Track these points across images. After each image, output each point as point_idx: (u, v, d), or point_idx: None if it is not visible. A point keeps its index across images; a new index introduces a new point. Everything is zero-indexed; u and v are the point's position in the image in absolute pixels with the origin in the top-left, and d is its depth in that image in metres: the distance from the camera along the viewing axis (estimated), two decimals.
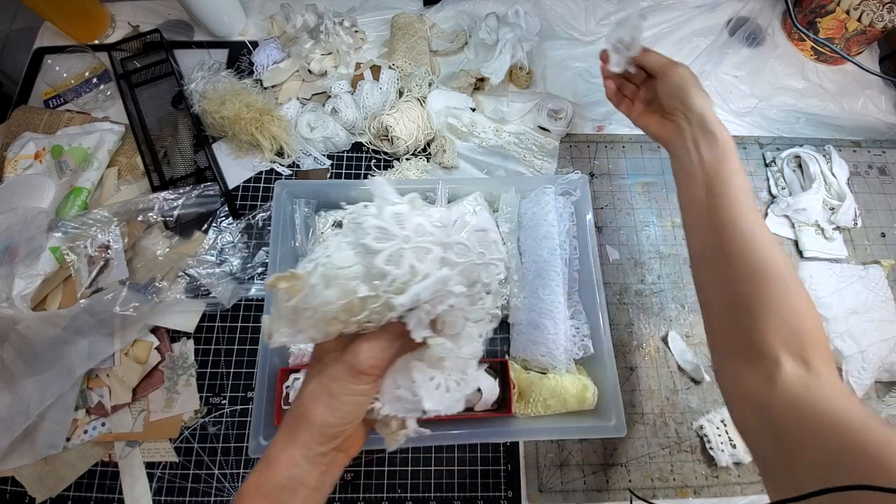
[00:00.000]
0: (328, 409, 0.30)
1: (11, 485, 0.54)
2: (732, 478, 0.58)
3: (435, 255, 0.29)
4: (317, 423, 0.30)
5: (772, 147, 0.76)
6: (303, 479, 0.30)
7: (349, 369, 0.29)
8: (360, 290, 0.28)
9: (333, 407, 0.30)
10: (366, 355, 0.29)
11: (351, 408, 0.30)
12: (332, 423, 0.30)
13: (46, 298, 0.60)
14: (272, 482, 0.30)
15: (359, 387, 0.30)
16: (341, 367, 0.30)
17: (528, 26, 0.77)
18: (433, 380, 0.31)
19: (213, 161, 0.70)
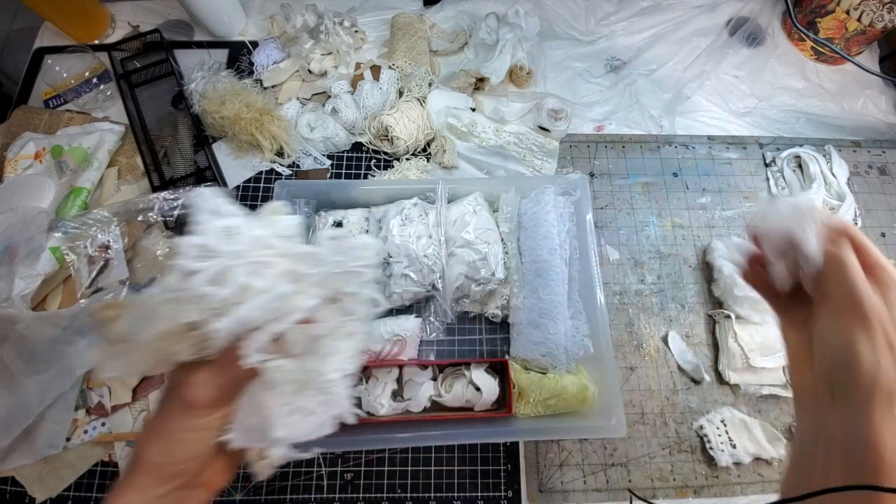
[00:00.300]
0: (161, 448, 0.27)
1: (11, 485, 0.54)
2: (732, 478, 0.58)
3: (278, 269, 0.26)
4: (150, 464, 0.27)
5: (772, 147, 0.76)
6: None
7: (181, 403, 0.27)
8: (183, 315, 0.25)
9: (166, 446, 0.27)
10: (197, 387, 0.27)
11: (188, 445, 0.27)
12: (166, 464, 0.27)
13: (46, 298, 0.60)
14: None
15: (194, 421, 0.27)
16: (172, 401, 0.28)
17: (528, 26, 0.77)
18: (287, 405, 0.28)
19: (213, 161, 0.70)
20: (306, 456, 0.32)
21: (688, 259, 0.68)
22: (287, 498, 0.56)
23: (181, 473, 0.28)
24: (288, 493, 0.56)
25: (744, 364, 0.60)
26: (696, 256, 0.69)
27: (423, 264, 0.57)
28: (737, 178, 0.74)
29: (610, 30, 0.84)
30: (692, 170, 0.74)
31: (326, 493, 0.56)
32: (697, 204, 0.72)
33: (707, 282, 0.67)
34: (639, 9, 0.86)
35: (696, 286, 0.67)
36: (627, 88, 0.79)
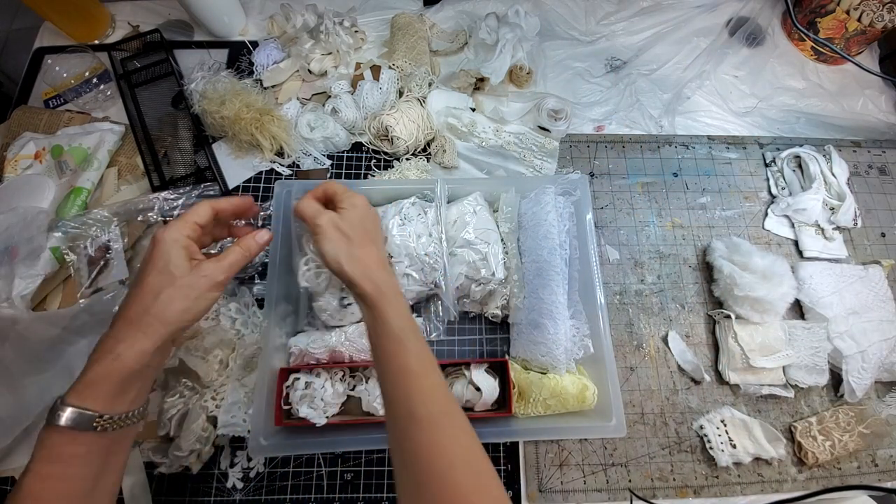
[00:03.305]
0: (185, 310, 0.37)
1: (11, 485, 0.54)
2: (732, 478, 0.58)
3: None
4: (173, 320, 0.36)
5: (772, 147, 0.76)
6: (150, 364, 0.36)
7: (208, 280, 0.38)
8: None
9: (192, 309, 0.38)
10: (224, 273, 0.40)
11: (201, 310, 0.38)
12: (187, 320, 0.38)
13: (46, 298, 0.60)
14: (123, 372, 0.35)
15: (214, 294, 0.39)
16: (202, 280, 0.38)
17: (528, 26, 0.77)
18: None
19: (213, 161, 0.70)
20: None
21: (688, 259, 0.68)
22: (287, 498, 0.56)
23: (187, 328, 0.38)
24: (288, 493, 0.56)
25: (744, 364, 0.60)
26: (696, 256, 0.69)
27: (425, 263, 0.57)
28: (737, 178, 0.74)
29: (610, 30, 0.84)
30: (692, 170, 0.74)
31: (326, 493, 0.56)
32: (697, 204, 0.72)
33: (707, 282, 0.67)
34: (639, 9, 0.86)
35: (696, 286, 0.67)
36: (627, 88, 0.79)
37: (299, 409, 0.52)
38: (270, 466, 0.57)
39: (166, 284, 0.37)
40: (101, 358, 0.35)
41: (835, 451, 0.58)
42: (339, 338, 0.55)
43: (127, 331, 0.35)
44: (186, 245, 0.39)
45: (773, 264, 0.61)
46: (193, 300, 0.37)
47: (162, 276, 0.37)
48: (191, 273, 0.38)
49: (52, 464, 0.32)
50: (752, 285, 0.59)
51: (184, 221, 0.40)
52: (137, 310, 0.36)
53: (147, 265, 0.38)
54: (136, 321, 0.36)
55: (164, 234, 0.38)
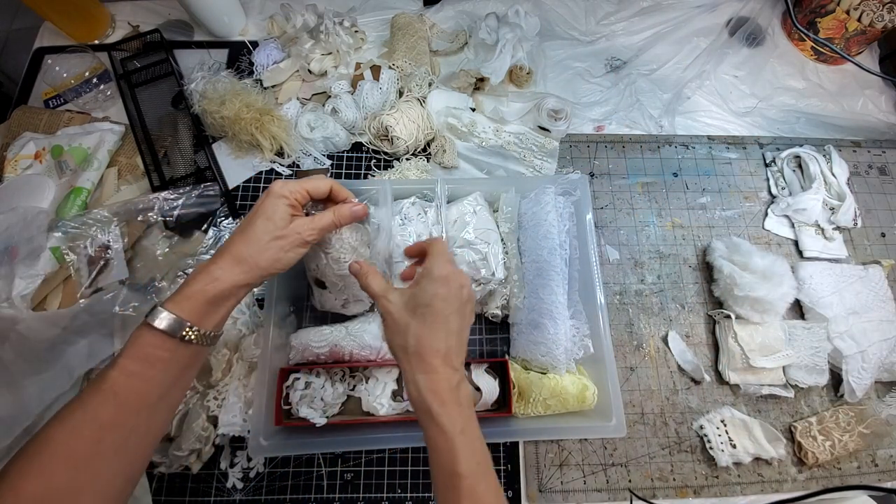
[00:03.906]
0: (277, 259, 0.42)
1: None
2: (732, 478, 0.58)
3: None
4: (266, 265, 0.41)
5: (772, 147, 0.76)
6: (237, 295, 0.41)
7: (298, 239, 0.42)
8: None
9: (282, 259, 0.42)
10: (313, 233, 0.44)
11: (292, 261, 0.43)
12: (277, 269, 0.42)
13: (46, 298, 0.60)
14: (217, 293, 0.39)
15: (300, 250, 0.43)
16: (294, 235, 0.42)
17: (528, 26, 0.77)
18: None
19: (213, 161, 0.70)
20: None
21: (688, 259, 0.68)
22: (287, 498, 0.56)
23: (271, 274, 0.42)
24: (288, 493, 0.56)
25: (744, 364, 0.60)
26: (696, 256, 0.69)
27: None
28: (737, 178, 0.74)
29: (610, 30, 0.84)
30: (692, 170, 0.74)
31: (326, 493, 0.56)
32: (697, 204, 0.72)
33: (707, 282, 0.67)
34: (639, 9, 0.86)
35: (696, 286, 0.67)
36: (627, 88, 0.79)
37: (299, 409, 0.52)
38: (270, 466, 0.57)
39: (268, 232, 0.41)
40: (201, 278, 0.39)
41: (835, 451, 0.58)
42: (341, 333, 0.55)
43: (228, 263, 0.40)
44: (292, 203, 0.43)
45: (773, 264, 0.61)
46: (285, 252, 0.42)
47: (267, 224, 0.41)
48: (287, 227, 0.42)
49: (140, 362, 0.36)
50: (752, 285, 0.59)
51: (297, 184, 0.43)
52: (242, 250, 0.40)
53: (256, 211, 0.42)
54: (238, 258, 0.40)
55: (276, 188, 0.42)
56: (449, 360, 0.40)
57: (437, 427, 0.37)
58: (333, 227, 0.46)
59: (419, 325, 0.40)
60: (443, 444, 0.37)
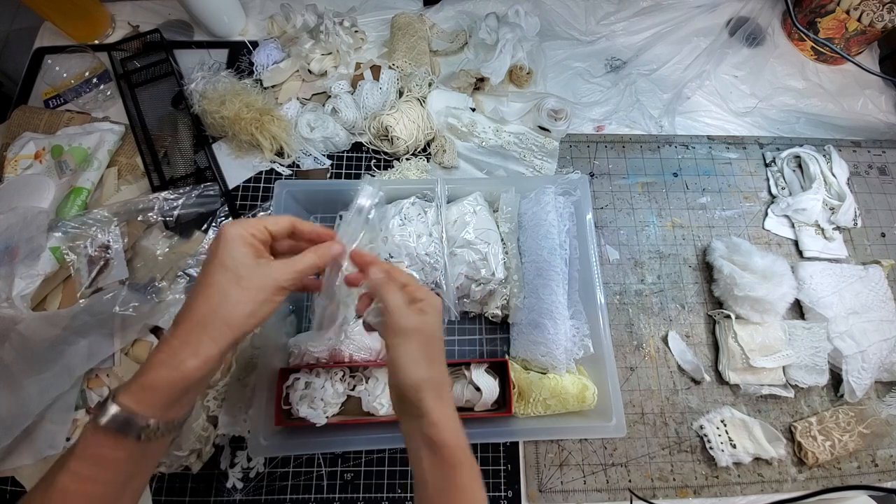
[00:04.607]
0: (251, 314, 0.34)
1: (11, 485, 0.54)
2: (732, 478, 0.58)
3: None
4: (239, 324, 0.34)
5: (772, 147, 0.76)
6: (212, 369, 0.34)
7: (274, 284, 0.35)
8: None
9: (257, 313, 0.35)
10: (291, 279, 0.36)
11: (264, 314, 0.35)
12: (252, 325, 0.35)
13: (46, 298, 0.60)
14: (185, 381, 0.32)
15: (278, 298, 0.36)
16: (268, 281, 0.35)
17: (528, 26, 0.77)
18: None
19: (213, 161, 0.70)
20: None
21: (688, 259, 0.68)
22: (287, 498, 0.56)
23: (245, 334, 0.35)
24: (288, 493, 0.56)
25: (744, 364, 0.60)
26: (696, 256, 0.69)
27: (425, 263, 0.57)
28: (737, 178, 0.74)
29: (610, 30, 0.84)
30: (692, 170, 0.74)
31: (326, 493, 0.56)
32: (697, 204, 0.72)
33: (707, 282, 0.67)
34: (639, 9, 0.86)
35: (696, 286, 0.67)
36: (627, 88, 0.79)
37: (299, 409, 0.52)
38: (270, 466, 0.57)
39: (232, 283, 0.34)
40: (165, 362, 0.32)
41: (835, 451, 0.58)
42: (340, 336, 0.55)
43: (193, 334, 0.33)
44: (252, 243, 0.35)
45: (773, 264, 0.61)
46: (259, 304, 0.34)
47: (227, 274, 0.34)
48: (257, 273, 0.35)
49: (92, 465, 0.31)
50: (752, 285, 0.59)
51: (253, 221, 0.37)
52: (204, 311, 0.33)
53: (211, 262, 0.34)
54: (202, 323, 0.33)
55: (228, 228, 0.35)
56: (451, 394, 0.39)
57: (469, 463, 0.37)
58: (315, 270, 0.38)
59: (439, 353, 0.38)
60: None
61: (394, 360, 0.36)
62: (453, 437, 0.36)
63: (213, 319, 0.33)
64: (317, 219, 0.67)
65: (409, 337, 0.36)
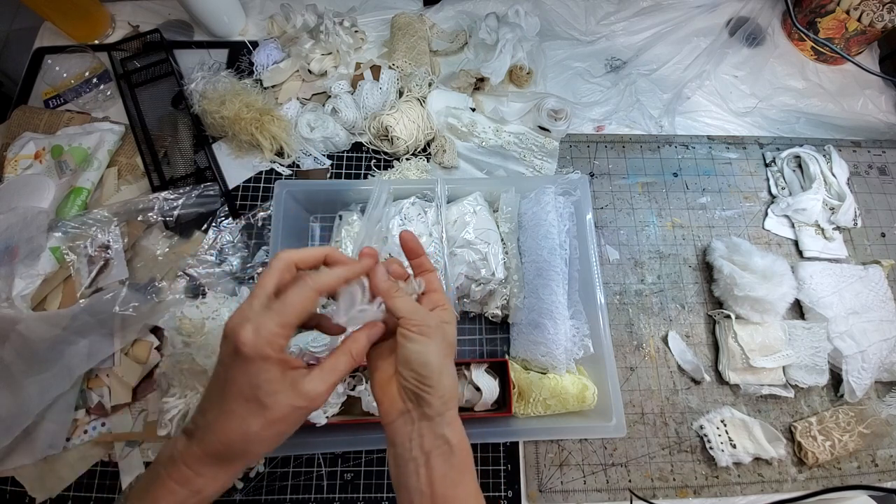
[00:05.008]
0: (272, 446, 0.30)
1: (11, 485, 0.54)
2: (732, 478, 0.58)
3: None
4: (255, 457, 0.31)
5: (772, 147, 0.76)
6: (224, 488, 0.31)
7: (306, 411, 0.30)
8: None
9: (279, 441, 0.30)
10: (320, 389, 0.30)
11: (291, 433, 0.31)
12: (270, 451, 0.30)
13: (46, 298, 0.60)
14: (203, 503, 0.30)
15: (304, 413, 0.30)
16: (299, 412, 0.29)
17: (528, 26, 0.77)
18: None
19: (213, 161, 0.70)
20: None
21: (688, 259, 0.68)
22: (287, 498, 0.56)
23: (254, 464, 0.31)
24: (288, 493, 0.56)
25: (744, 364, 0.60)
26: (696, 256, 0.69)
27: None
28: (737, 178, 0.74)
29: (610, 30, 0.84)
30: (692, 170, 0.74)
31: (326, 493, 0.56)
32: (697, 204, 0.72)
33: (707, 282, 0.67)
34: (639, 9, 0.86)
35: (696, 286, 0.67)
36: (627, 88, 0.79)
37: None
38: (270, 466, 0.57)
39: (254, 418, 0.28)
40: (179, 487, 0.29)
41: (835, 451, 0.58)
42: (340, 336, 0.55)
43: (208, 466, 0.29)
44: (281, 359, 0.29)
45: (773, 264, 0.61)
46: (283, 435, 0.30)
47: (249, 408, 0.28)
48: (285, 402, 0.29)
49: None
50: (752, 285, 0.59)
51: (276, 324, 0.28)
52: (220, 447, 0.29)
53: (230, 386, 0.29)
54: (218, 458, 0.29)
55: (249, 345, 0.27)
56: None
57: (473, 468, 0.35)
58: (351, 369, 0.32)
59: (450, 364, 0.33)
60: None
61: (416, 352, 0.32)
62: (467, 442, 0.34)
63: (230, 455, 0.29)
64: (317, 219, 0.67)
65: (436, 336, 0.33)
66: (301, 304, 0.29)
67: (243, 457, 0.30)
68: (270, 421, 0.29)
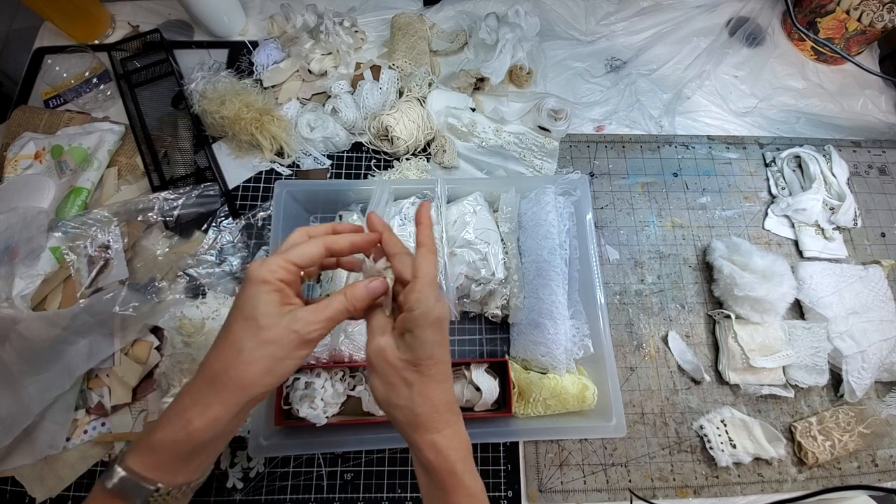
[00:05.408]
0: (268, 372, 0.30)
1: (11, 485, 0.54)
2: (732, 478, 0.58)
3: None
4: (252, 384, 0.30)
5: (772, 147, 0.76)
6: (222, 432, 0.31)
7: (297, 338, 0.31)
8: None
9: (276, 371, 0.31)
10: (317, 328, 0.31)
11: (286, 371, 0.31)
12: (269, 384, 0.31)
13: (46, 298, 0.60)
14: (192, 441, 0.30)
15: (303, 352, 0.32)
16: (291, 336, 0.31)
17: (528, 26, 0.77)
18: None
19: (213, 161, 0.70)
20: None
21: (688, 259, 0.68)
22: (287, 498, 0.56)
23: (263, 394, 0.31)
24: (288, 493, 0.56)
25: (744, 364, 0.60)
26: (696, 256, 0.69)
27: None
28: (737, 178, 0.74)
29: (610, 30, 0.84)
30: (692, 170, 0.74)
31: (326, 493, 0.56)
32: (697, 204, 0.72)
33: (707, 282, 0.67)
34: (639, 9, 0.86)
35: (696, 286, 0.67)
36: (627, 88, 0.79)
37: (299, 409, 0.52)
38: (270, 466, 0.57)
39: (250, 336, 0.30)
40: (172, 420, 0.30)
41: (835, 451, 0.58)
42: (339, 336, 0.55)
43: (203, 391, 0.31)
44: (279, 289, 0.31)
45: (773, 264, 0.61)
46: (278, 360, 0.31)
47: (246, 326, 0.31)
48: (279, 324, 0.31)
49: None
50: (752, 285, 0.59)
51: (280, 259, 0.32)
52: (217, 366, 0.31)
53: (234, 310, 0.31)
54: (213, 381, 0.30)
55: (254, 271, 0.31)
56: (452, 406, 0.35)
57: (463, 488, 0.33)
58: (347, 316, 0.34)
59: (425, 381, 0.33)
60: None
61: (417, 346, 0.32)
62: (452, 464, 0.33)
63: (224, 378, 0.30)
64: (317, 219, 0.67)
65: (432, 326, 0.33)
66: (306, 251, 0.33)
67: (238, 381, 0.30)
68: (264, 340, 0.30)
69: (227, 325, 0.31)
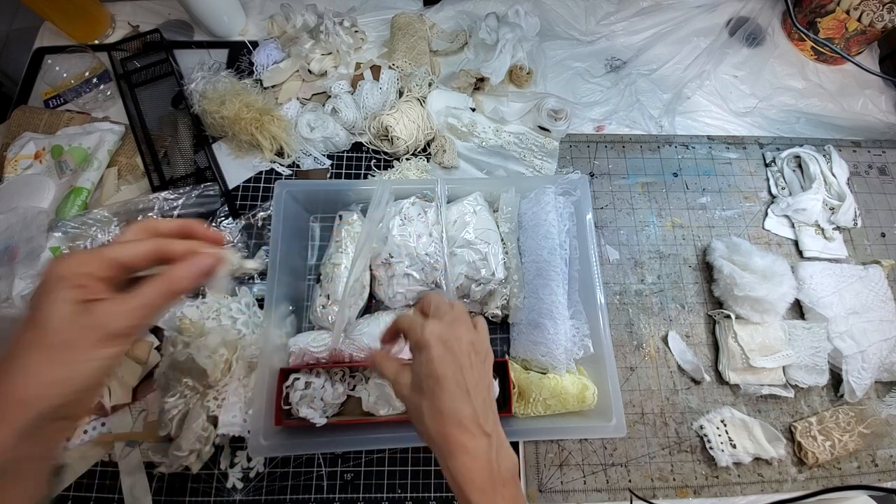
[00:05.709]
0: (58, 382, 0.25)
1: None
2: (732, 478, 0.58)
3: None
4: (37, 398, 0.25)
5: (772, 147, 0.76)
6: (21, 458, 0.25)
7: (96, 332, 0.26)
8: None
9: (71, 378, 0.25)
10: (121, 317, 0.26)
11: (96, 375, 0.26)
12: (65, 395, 0.25)
13: None
14: None
15: (115, 348, 0.26)
16: (87, 333, 0.25)
17: (528, 26, 0.77)
18: None
19: (213, 161, 0.70)
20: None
21: (688, 259, 0.68)
22: (287, 498, 0.56)
23: (62, 406, 0.25)
24: (288, 493, 0.56)
25: (744, 364, 0.60)
26: (696, 256, 0.69)
27: (425, 262, 0.57)
28: (737, 178, 0.74)
29: (610, 30, 0.84)
30: (692, 170, 0.74)
31: (326, 493, 0.56)
32: (697, 204, 0.72)
33: (707, 282, 0.67)
34: (639, 9, 0.86)
35: (696, 286, 0.67)
36: (627, 88, 0.79)
37: (299, 409, 0.52)
38: (270, 466, 0.57)
39: (32, 345, 0.25)
40: None
41: (835, 451, 0.58)
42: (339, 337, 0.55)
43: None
44: (80, 285, 0.26)
45: (773, 264, 0.61)
46: (69, 365, 0.25)
47: (29, 333, 0.26)
48: (72, 323, 0.25)
49: None
50: (752, 285, 0.59)
51: (93, 254, 0.27)
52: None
53: (25, 312, 0.27)
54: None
55: (49, 268, 0.26)
56: (478, 425, 0.33)
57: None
58: (168, 300, 0.29)
59: (430, 401, 0.33)
60: None
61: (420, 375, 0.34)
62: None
63: (2, 395, 0.24)
64: (317, 219, 0.67)
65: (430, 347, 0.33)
66: (134, 249, 0.28)
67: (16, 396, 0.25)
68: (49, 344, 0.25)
69: (13, 333, 0.26)
